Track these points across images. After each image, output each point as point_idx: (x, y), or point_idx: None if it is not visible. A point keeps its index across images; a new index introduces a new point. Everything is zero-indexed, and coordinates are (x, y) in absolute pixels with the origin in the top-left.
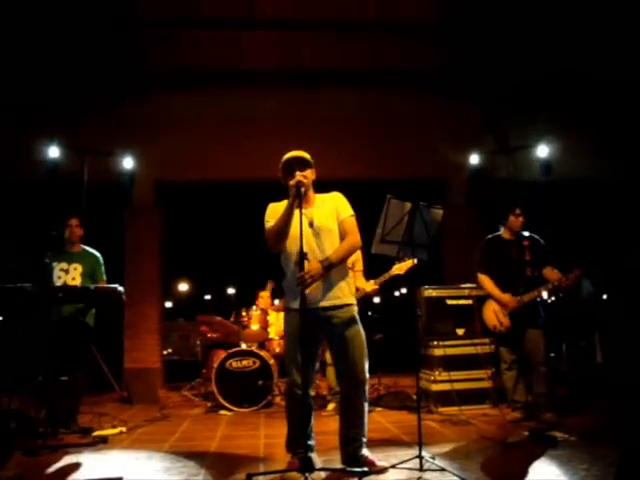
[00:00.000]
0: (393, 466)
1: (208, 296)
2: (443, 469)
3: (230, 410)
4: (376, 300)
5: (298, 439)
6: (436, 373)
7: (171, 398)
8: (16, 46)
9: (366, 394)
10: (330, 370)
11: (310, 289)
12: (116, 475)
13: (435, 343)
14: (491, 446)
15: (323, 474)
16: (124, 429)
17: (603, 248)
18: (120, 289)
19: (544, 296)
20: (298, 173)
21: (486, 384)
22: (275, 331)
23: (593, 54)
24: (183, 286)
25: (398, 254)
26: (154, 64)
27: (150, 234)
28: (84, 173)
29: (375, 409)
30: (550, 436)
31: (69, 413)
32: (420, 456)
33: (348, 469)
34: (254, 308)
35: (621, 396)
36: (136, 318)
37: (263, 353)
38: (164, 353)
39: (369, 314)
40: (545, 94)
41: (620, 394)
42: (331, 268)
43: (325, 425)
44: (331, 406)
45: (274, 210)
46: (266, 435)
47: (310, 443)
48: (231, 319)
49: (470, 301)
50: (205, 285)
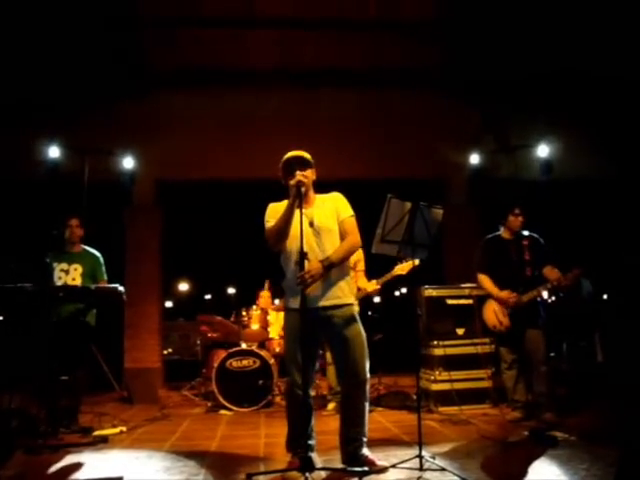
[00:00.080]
0: (393, 466)
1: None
2: (443, 469)
3: (230, 410)
4: (376, 300)
5: (298, 439)
6: (436, 373)
7: (171, 398)
8: (16, 46)
9: (367, 394)
10: (330, 369)
11: (310, 289)
12: (116, 475)
13: (435, 343)
14: (491, 446)
15: (323, 474)
16: (124, 429)
17: (603, 247)
18: (120, 289)
19: (544, 296)
20: (298, 173)
21: (486, 384)
22: (275, 331)
23: (594, 53)
24: (183, 286)
25: (399, 254)
26: (154, 63)
27: (150, 234)
28: (84, 173)
29: (375, 409)
30: (550, 436)
31: (70, 412)
32: (420, 456)
33: (348, 469)
34: (254, 308)
35: (621, 396)
36: (136, 318)
37: (263, 353)
38: (164, 353)
39: (369, 314)
40: (546, 93)
41: (620, 394)
42: (331, 268)
43: (325, 425)
44: (331, 406)
45: (274, 210)
46: (266, 435)
47: (310, 443)
48: (231, 319)
49: (470, 301)
50: (205, 285)
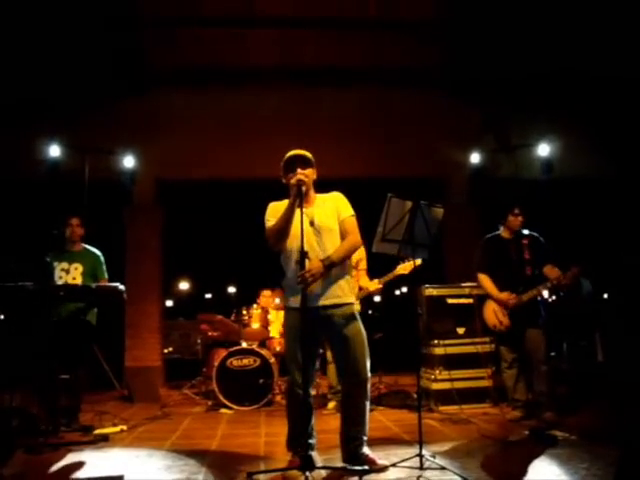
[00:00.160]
0: (394, 464)
1: (209, 295)
2: (443, 468)
3: (231, 408)
4: (377, 299)
5: (299, 438)
6: (437, 372)
7: (172, 396)
8: (17, 45)
9: (368, 392)
10: (331, 368)
11: (310, 288)
12: (117, 473)
13: (436, 342)
14: (491, 445)
15: (324, 472)
16: (125, 427)
17: (603, 246)
18: (121, 288)
19: (545, 295)
20: (299, 171)
21: (486, 383)
22: (276, 329)
23: (593, 52)
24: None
25: (399, 253)
26: (154, 63)
27: (151, 233)
28: (85, 172)
29: (376, 408)
30: (550, 435)
31: (70, 411)
32: (420, 455)
33: (349, 467)
34: (255, 307)
35: (622, 395)
36: (137, 317)
37: (264, 352)
38: (165, 352)
39: (369, 312)
40: (546, 92)
41: (621, 393)
42: (332, 267)
43: (326, 423)
44: (331, 404)
45: (274, 209)
46: (267, 433)
47: (311, 442)
48: (232, 318)
49: (471, 300)
50: (206, 284)
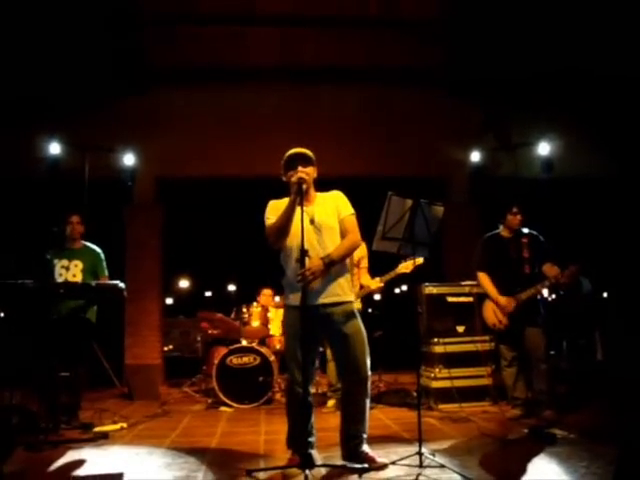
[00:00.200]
0: (393, 462)
1: (209, 293)
2: (443, 466)
3: (231, 406)
4: (377, 297)
5: (298, 436)
6: (436, 370)
7: (172, 394)
8: (16, 43)
9: (368, 391)
10: (331, 366)
11: (310, 286)
12: (117, 471)
13: (435, 340)
14: (491, 443)
15: (323, 470)
16: (125, 425)
17: (604, 245)
18: (121, 285)
19: (544, 294)
20: (300, 169)
21: (486, 381)
22: (276, 328)
23: (595, 51)
24: (184, 283)
25: (399, 251)
26: (154, 61)
27: (151, 231)
28: (85, 170)
29: (376, 406)
30: (550, 433)
31: (70, 409)
32: (420, 453)
33: (348, 465)
34: (254, 305)
35: (621, 394)
36: (137, 314)
37: (264, 350)
38: (165, 349)
39: (369, 311)
40: (547, 91)
41: (620, 392)
42: (332, 265)
43: (325, 422)
44: (331, 403)
45: (274, 207)
46: (266, 431)
47: (310, 440)
48: (232, 316)
49: (470, 298)
50: (206, 282)
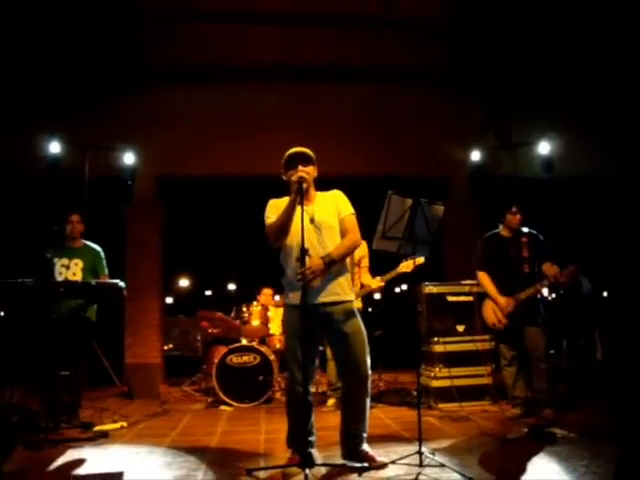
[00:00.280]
0: (393, 462)
1: (209, 292)
2: (443, 465)
3: (231, 405)
4: (377, 296)
5: (298, 435)
6: (436, 369)
7: (172, 393)
8: (16, 41)
9: (368, 390)
10: (330, 365)
11: (310, 285)
12: (117, 470)
13: (435, 339)
14: (491, 442)
15: (323, 469)
16: (125, 424)
17: (605, 245)
18: (121, 284)
19: (545, 293)
20: (301, 168)
21: (486, 380)
22: (276, 327)
23: (596, 50)
24: (184, 282)
25: (399, 251)
26: (154, 59)
27: (151, 229)
28: (85, 169)
29: (376, 405)
30: (550, 432)
31: (70, 408)
32: (420, 452)
33: (348, 464)
34: (255, 304)
35: (621, 393)
36: (137, 313)
37: (264, 349)
38: (165, 348)
39: (369, 310)
40: (547, 91)
41: (620, 391)
42: (332, 264)
43: (325, 421)
44: (331, 402)
45: (274, 206)
46: (266, 430)
47: (310, 439)
48: (232, 315)
49: (471, 298)
50: (206, 281)
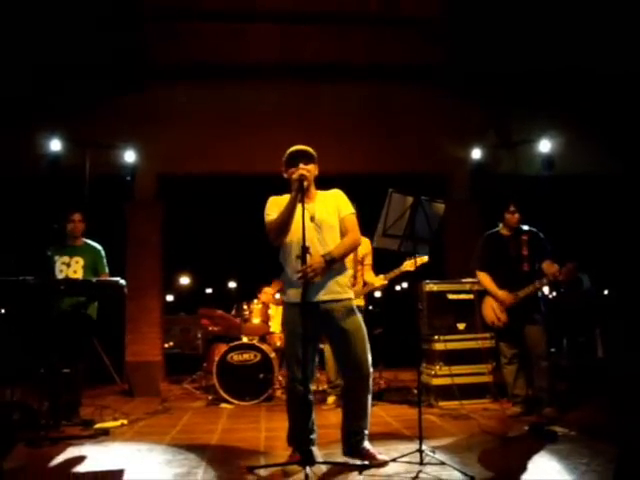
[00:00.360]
0: (394, 459)
1: (209, 290)
2: (443, 463)
3: (231, 403)
4: (377, 294)
5: (299, 433)
6: (437, 367)
7: (172, 391)
8: (17, 40)
9: (369, 387)
10: (330, 363)
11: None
12: (118, 467)
13: (436, 337)
14: (491, 440)
15: (324, 467)
16: (125, 422)
17: (605, 243)
18: (122, 282)
19: (545, 291)
20: (302, 166)
21: (487, 378)
22: (276, 324)
23: (596, 49)
24: (184, 280)
25: (399, 248)
26: (155, 57)
27: (151, 228)
28: (86, 167)
29: (377, 403)
30: (550, 431)
31: (71, 405)
32: (420, 450)
33: (349, 462)
34: (255, 302)
35: (621, 391)
36: (137, 311)
37: (264, 346)
38: (165, 346)
39: (370, 308)
40: (548, 89)
41: (620, 389)
42: (333, 263)
43: (325, 419)
44: (331, 399)
45: (275, 203)
46: (267, 428)
47: (311, 437)
48: (232, 313)
49: (471, 296)
50: (206, 279)
